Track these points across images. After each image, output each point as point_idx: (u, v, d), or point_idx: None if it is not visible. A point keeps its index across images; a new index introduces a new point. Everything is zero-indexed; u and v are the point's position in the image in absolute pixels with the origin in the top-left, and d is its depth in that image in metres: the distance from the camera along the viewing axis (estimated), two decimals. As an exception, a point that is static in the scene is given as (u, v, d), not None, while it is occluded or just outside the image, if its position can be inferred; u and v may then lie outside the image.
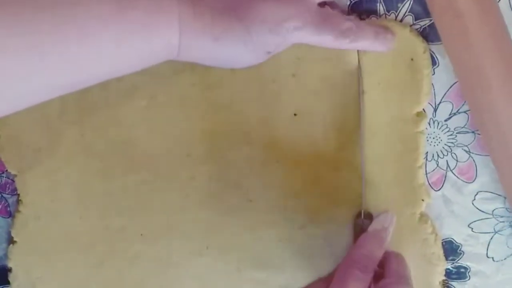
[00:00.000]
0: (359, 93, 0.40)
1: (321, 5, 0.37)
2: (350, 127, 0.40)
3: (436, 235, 0.41)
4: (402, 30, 0.38)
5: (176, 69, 0.41)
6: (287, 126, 0.41)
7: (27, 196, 0.44)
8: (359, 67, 0.39)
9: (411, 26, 0.39)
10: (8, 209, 0.45)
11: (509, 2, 0.37)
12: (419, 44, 0.38)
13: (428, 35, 0.39)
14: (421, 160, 0.40)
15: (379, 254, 0.36)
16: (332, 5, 0.38)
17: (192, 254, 0.43)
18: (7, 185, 0.44)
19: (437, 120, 0.40)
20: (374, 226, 0.39)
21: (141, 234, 0.44)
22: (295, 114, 0.41)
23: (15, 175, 0.44)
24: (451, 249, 0.42)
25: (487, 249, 0.42)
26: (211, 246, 0.43)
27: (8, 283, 0.45)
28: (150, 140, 0.42)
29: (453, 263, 0.42)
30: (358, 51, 0.39)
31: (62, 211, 0.44)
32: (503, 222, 0.41)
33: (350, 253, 0.36)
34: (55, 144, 0.43)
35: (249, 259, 0.43)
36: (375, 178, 0.41)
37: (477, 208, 0.41)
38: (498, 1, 0.36)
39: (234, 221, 0.43)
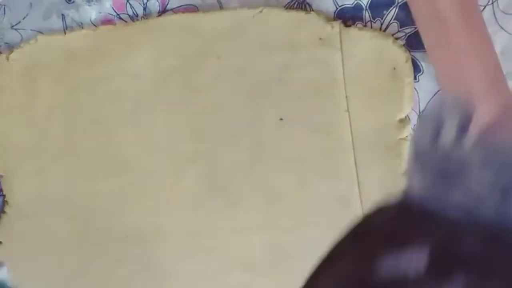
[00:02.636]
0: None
1: None
2: (335, 132, 0.41)
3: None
4: (385, 40, 0.38)
5: (162, 71, 0.41)
6: (273, 130, 0.41)
7: (13, 197, 0.44)
8: (343, 73, 0.39)
9: (393, 35, 0.39)
10: (-6, 210, 0.45)
11: (493, 11, 0.37)
12: (401, 54, 0.38)
13: (413, 42, 0.39)
14: (405, 166, 0.40)
15: None
16: None
17: (178, 256, 0.43)
18: (-7, 187, 0.44)
19: (421, 127, 0.40)
20: None
21: (127, 236, 0.44)
22: (281, 119, 0.41)
23: (1, 176, 0.44)
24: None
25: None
26: (197, 248, 0.43)
27: (-6, 283, 0.45)
28: (136, 142, 0.42)
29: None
30: (342, 57, 0.39)
31: (48, 212, 0.44)
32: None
33: None
34: (41, 145, 0.43)
35: (235, 262, 0.43)
36: (358, 183, 0.41)
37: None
38: (482, 10, 0.37)
39: (221, 223, 0.43)
